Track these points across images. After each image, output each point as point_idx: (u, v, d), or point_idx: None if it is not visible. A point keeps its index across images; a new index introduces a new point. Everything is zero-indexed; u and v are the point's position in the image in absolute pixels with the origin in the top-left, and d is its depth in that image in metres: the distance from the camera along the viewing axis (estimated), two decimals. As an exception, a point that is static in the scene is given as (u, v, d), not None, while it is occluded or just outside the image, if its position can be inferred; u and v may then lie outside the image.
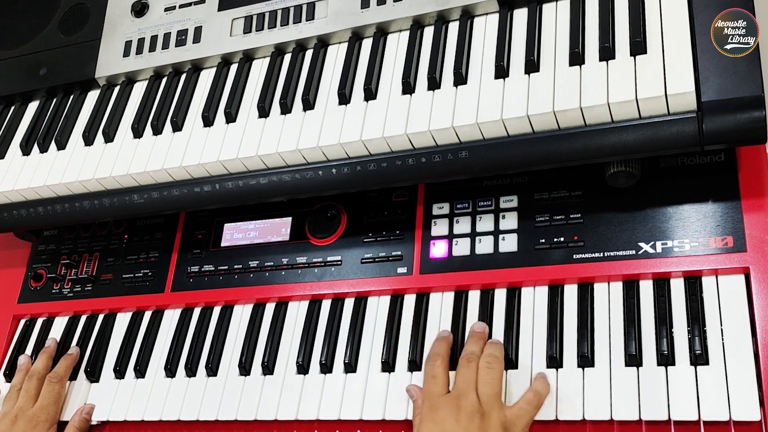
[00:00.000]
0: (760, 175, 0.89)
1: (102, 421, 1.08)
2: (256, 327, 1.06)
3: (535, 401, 0.85)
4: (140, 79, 1.12)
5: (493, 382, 0.86)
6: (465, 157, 0.85)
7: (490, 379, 0.86)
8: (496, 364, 0.87)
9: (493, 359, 0.88)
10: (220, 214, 1.16)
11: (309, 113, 0.95)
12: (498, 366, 0.87)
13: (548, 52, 0.86)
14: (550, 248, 0.94)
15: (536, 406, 0.85)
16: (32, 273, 1.24)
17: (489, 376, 0.87)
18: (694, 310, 0.85)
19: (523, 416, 0.84)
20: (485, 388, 0.86)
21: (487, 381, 0.86)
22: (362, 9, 0.97)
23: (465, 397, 0.85)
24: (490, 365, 0.87)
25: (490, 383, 0.86)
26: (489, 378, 0.86)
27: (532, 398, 0.85)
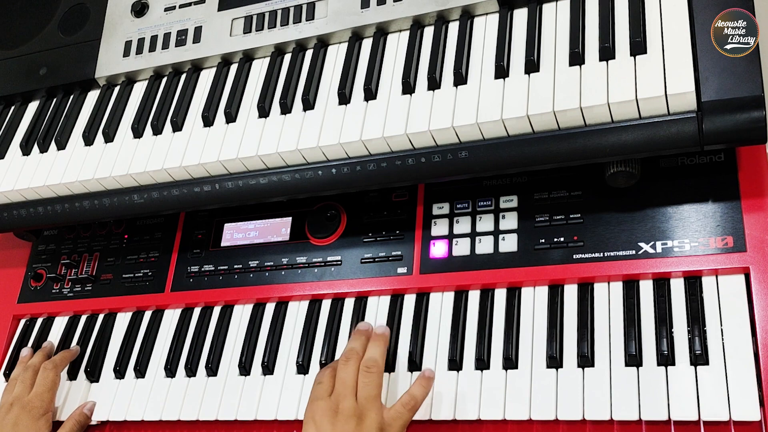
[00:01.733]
0: (760, 175, 0.89)
1: (102, 421, 1.08)
2: (256, 327, 1.06)
3: (410, 404, 0.88)
4: (140, 79, 1.12)
5: (371, 384, 0.88)
6: (465, 157, 0.85)
7: (368, 381, 0.89)
8: (374, 368, 0.90)
9: (372, 363, 0.90)
10: (220, 214, 1.16)
11: (309, 113, 0.95)
12: (377, 369, 0.90)
13: (548, 52, 0.86)
14: (550, 248, 0.94)
15: (412, 409, 0.88)
16: (32, 273, 1.24)
17: (368, 379, 0.89)
18: (694, 310, 0.85)
19: (399, 418, 0.87)
20: (363, 391, 0.88)
21: (365, 383, 0.88)
22: (362, 9, 0.97)
23: (343, 400, 0.87)
24: (369, 369, 0.90)
25: (368, 385, 0.88)
26: (368, 381, 0.89)
27: (408, 401, 0.88)
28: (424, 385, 0.90)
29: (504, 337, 0.92)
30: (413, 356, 0.94)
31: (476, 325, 0.94)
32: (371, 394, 0.88)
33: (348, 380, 0.89)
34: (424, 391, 0.90)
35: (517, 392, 0.88)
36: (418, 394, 0.89)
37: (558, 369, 0.88)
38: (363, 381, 0.89)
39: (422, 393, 0.89)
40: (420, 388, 0.90)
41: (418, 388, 0.90)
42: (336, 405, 0.87)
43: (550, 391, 0.87)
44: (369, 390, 0.88)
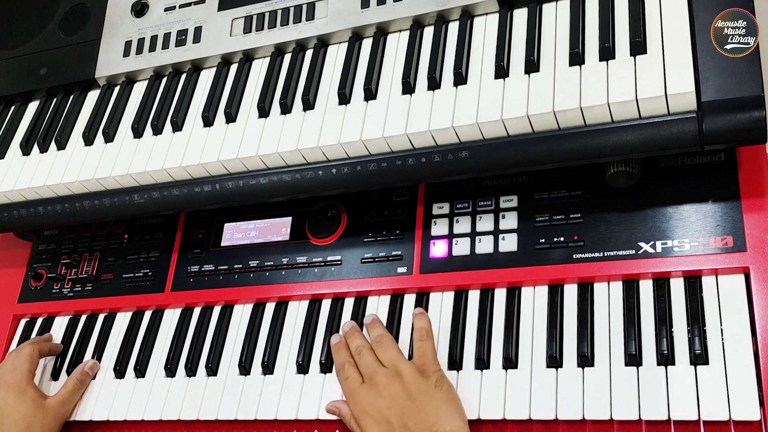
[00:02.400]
0: (760, 175, 0.89)
1: (102, 421, 1.08)
2: (256, 327, 1.06)
3: (423, 334, 0.93)
4: (140, 79, 1.12)
5: (388, 349, 0.92)
6: (465, 157, 0.85)
7: (384, 348, 0.93)
8: (385, 338, 0.94)
9: (380, 336, 0.94)
10: (220, 214, 1.16)
11: (309, 113, 0.95)
12: (387, 338, 0.94)
13: (548, 52, 0.86)
14: (550, 248, 0.94)
15: (428, 337, 0.93)
16: (32, 273, 1.24)
17: (382, 347, 0.93)
18: (694, 309, 0.85)
19: (425, 352, 0.91)
20: (384, 356, 0.92)
21: (382, 351, 0.92)
22: (362, 9, 0.97)
23: (375, 375, 0.90)
24: (380, 341, 0.94)
25: (386, 351, 0.92)
26: (383, 348, 0.93)
27: (421, 334, 0.93)
28: (420, 316, 0.95)
29: (504, 336, 0.92)
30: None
31: (476, 324, 0.94)
32: (392, 355, 0.92)
33: (370, 362, 0.92)
34: (425, 320, 0.94)
35: (517, 392, 0.88)
36: (422, 324, 0.94)
37: (558, 369, 0.88)
38: (379, 351, 0.93)
39: (425, 322, 0.94)
40: (419, 320, 0.94)
41: (418, 320, 0.95)
42: (371, 382, 0.90)
43: (550, 390, 0.87)
44: (389, 353, 0.92)
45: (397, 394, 0.87)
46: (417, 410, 0.85)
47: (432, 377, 0.88)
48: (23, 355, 1.08)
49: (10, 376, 1.06)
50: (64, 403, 1.06)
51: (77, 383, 1.07)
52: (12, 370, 1.06)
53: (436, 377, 0.88)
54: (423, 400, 0.86)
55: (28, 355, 1.08)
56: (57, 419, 1.05)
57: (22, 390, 1.05)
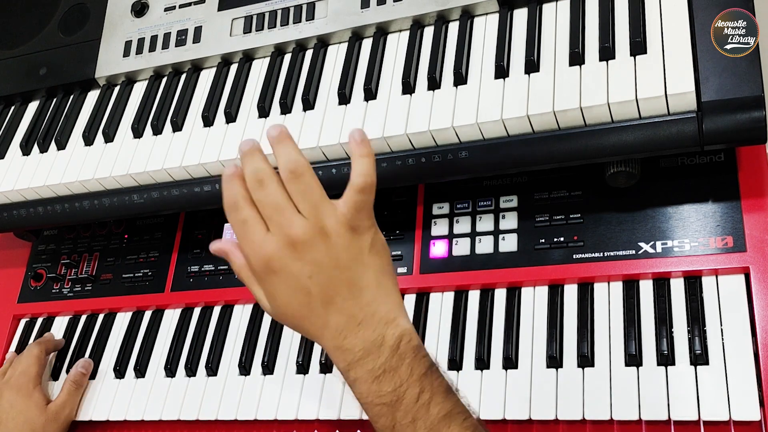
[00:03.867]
0: (760, 175, 0.89)
1: (102, 421, 1.08)
2: (256, 327, 1.06)
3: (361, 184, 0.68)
4: (140, 79, 1.12)
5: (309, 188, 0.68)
6: (465, 157, 0.85)
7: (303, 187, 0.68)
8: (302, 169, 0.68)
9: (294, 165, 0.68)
10: (220, 214, 1.15)
11: (309, 113, 0.95)
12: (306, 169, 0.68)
13: (548, 52, 0.86)
14: (550, 248, 0.94)
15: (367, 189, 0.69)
16: (32, 273, 1.24)
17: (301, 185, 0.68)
18: (694, 310, 0.85)
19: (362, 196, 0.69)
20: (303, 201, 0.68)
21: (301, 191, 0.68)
22: (362, 9, 0.97)
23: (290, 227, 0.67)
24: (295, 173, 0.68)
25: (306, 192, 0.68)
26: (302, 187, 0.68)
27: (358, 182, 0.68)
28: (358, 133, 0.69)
29: (504, 336, 0.92)
30: (413, 356, 0.94)
31: (476, 324, 0.94)
32: (314, 201, 0.68)
33: (279, 201, 0.68)
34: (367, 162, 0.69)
35: (517, 392, 0.88)
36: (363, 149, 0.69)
37: (558, 369, 0.88)
38: (295, 189, 0.68)
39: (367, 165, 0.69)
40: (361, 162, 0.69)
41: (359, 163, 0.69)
42: (286, 237, 0.67)
43: (550, 390, 0.87)
44: (309, 196, 0.68)
45: (321, 258, 0.67)
46: (348, 282, 0.67)
47: (366, 235, 0.69)
48: (32, 357, 1.08)
49: (18, 378, 1.06)
50: (65, 406, 1.06)
51: (73, 385, 1.07)
52: (20, 372, 1.06)
53: (371, 236, 0.70)
54: (356, 269, 0.68)
55: (36, 358, 1.08)
56: (59, 423, 1.05)
57: (29, 394, 1.05)
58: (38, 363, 1.08)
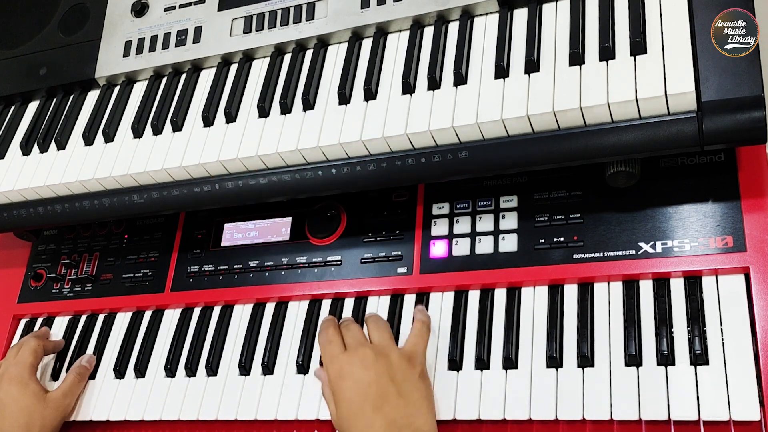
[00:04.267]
0: (760, 175, 0.89)
1: (102, 421, 1.08)
2: (256, 327, 1.06)
3: (422, 329, 0.93)
4: (140, 79, 1.12)
5: (382, 332, 0.92)
6: (465, 157, 0.85)
7: (379, 329, 0.92)
8: (381, 321, 0.94)
9: (377, 318, 0.95)
10: (220, 214, 1.16)
11: (309, 113, 0.95)
12: (383, 322, 0.94)
13: (548, 52, 0.86)
14: (550, 248, 0.94)
15: (425, 334, 0.92)
16: (32, 273, 1.24)
17: (378, 327, 0.93)
18: (694, 310, 0.85)
19: (419, 343, 0.91)
20: (376, 336, 0.92)
21: (376, 329, 0.92)
22: (362, 9, 0.97)
23: (362, 347, 0.89)
24: (376, 322, 0.94)
25: (380, 331, 0.92)
26: (378, 328, 0.92)
27: (420, 327, 0.93)
28: (422, 312, 0.95)
29: (504, 337, 0.92)
30: (413, 356, 0.94)
31: (476, 325, 0.94)
32: (385, 337, 0.91)
33: (357, 334, 0.92)
34: (425, 316, 0.94)
35: (517, 392, 0.88)
36: (424, 318, 0.94)
37: (558, 369, 0.88)
38: (374, 329, 0.93)
39: (425, 317, 0.94)
40: (420, 314, 0.95)
41: (419, 314, 0.95)
42: (356, 353, 0.89)
43: (550, 391, 0.87)
44: (381, 334, 0.92)
45: (381, 373, 0.86)
46: (397, 395, 0.85)
47: (417, 368, 0.88)
48: (28, 348, 1.08)
49: (13, 368, 1.06)
50: (66, 396, 1.06)
51: (77, 377, 1.08)
52: (16, 363, 1.07)
53: (421, 369, 0.89)
54: (405, 387, 0.86)
55: (32, 349, 1.08)
56: (58, 412, 1.05)
57: (24, 383, 1.05)
58: (34, 354, 1.08)
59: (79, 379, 1.08)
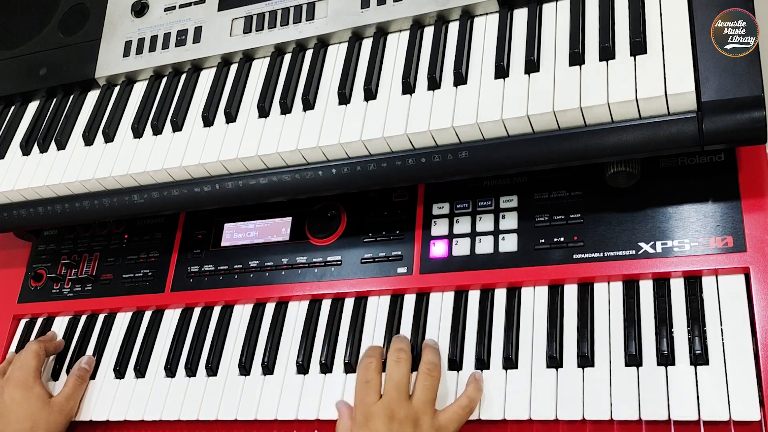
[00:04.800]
0: (760, 175, 0.89)
1: (102, 421, 1.08)
2: (256, 327, 1.06)
3: (468, 406, 0.87)
4: (140, 79, 1.12)
5: (430, 389, 0.87)
6: (465, 157, 0.85)
7: (428, 385, 0.87)
8: (435, 372, 0.88)
9: (433, 366, 0.89)
10: (220, 214, 1.16)
11: (309, 113, 0.95)
12: (437, 374, 0.89)
13: (548, 52, 0.86)
14: (550, 248, 0.94)
15: (469, 411, 0.87)
16: (32, 273, 1.24)
17: (428, 382, 0.87)
18: (694, 310, 0.85)
19: (456, 420, 0.86)
20: (421, 394, 0.87)
21: (425, 387, 0.87)
22: (362, 9, 0.97)
23: (398, 405, 0.85)
24: (430, 372, 0.88)
25: (428, 389, 0.87)
26: (428, 384, 0.87)
27: (466, 404, 0.87)
28: (479, 388, 0.88)
29: (504, 337, 0.92)
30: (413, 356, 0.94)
31: (476, 325, 0.94)
32: (429, 398, 0.87)
33: (401, 383, 0.87)
34: (479, 393, 0.88)
35: (517, 392, 0.88)
36: (474, 395, 0.88)
37: (558, 369, 0.88)
38: (423, 384, 0.87)
39: (478, 395, 0.88)
40: (475, 390, 0.88)
41: (474, 390, 0.88)
42: (391, 410, 0.85)
43: (550, 391, 0.87)
44: (428, 394, 0.87)
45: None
46: None
47: None
48: (30, 352, 1.08)
49: (17, 373, 1.06)
50: (69, 399, 1.06)
51: (78, 379, 1.08)
52: (19, 367, 1.07)
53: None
54: None
55: (35, 353, 1.08)
56: (63, 416, 1.05)
57: (28, 387, 1.05)
58: (37, 357, 1.08)
59: (80, 381, 1.08)
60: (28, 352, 1.08)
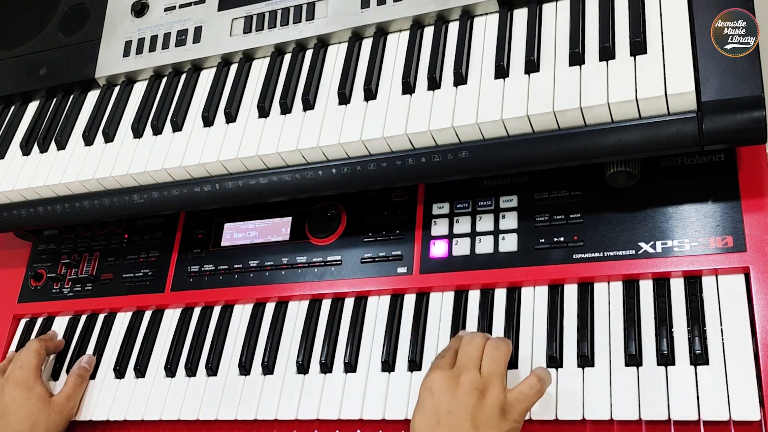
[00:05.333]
0: (760, 175, 0.89)
1: (102, 421, 1.08)
2: (256, 327, 1.06)
3: (537, 386, 0.82)
4: (140, 79, 1.12)
5: (498, 359, 0.83)
6: (465, 157, 0.85)
7: (496, 356, 0.83)
8: (503, 345, 0.85)
9: (500, 341, 0.85)
10: (220, 213, 1.16)
11: (309, 113, 0.95)
12: (505, 347, 0.85)
13: (548, 52, 0.86)
14: (550, 248, 0.94)
15: (538, 392, 0.82)
16: (32, 273, 1.24)
17: (495, 353, 0.83)
18: (694, 310, 0.85)
19: (524, 400, 0.81)
20: (490, 365, 0.82)
21: (493, 358, 0.83)
22: (362, 9, 0.97)
23: (466, 373, 0.81)
24: (497, 346, 0.84)
25: (495, 361, 0.83)
26: (495, 356, 0.83)
27: (536, 383, 0.82)
28: (548, 372, 0.85)
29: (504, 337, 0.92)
30: (413, 356, 0.94)
31: (476, 325, 0.94)
32: (497, 370, 0.82)
33: (473, 354, 0.84)
34: (548, 376, 0.84)
35: (517, 392, 0.88)
36: (545, 377, 0.83)
37: (558, 369, 0.88)
38: (490, 355, 0.83)
39: (548, 377, 0.84)
40: (545, 372, 0.84)
41: (543, 372, 0.84)
42: (457, 376, 0.81)
43: (550, 391, 0.86)
44: (496, 365, 0.83)
45: (465, 408, 0.79)
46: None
47: (507, 424, 0.80)
48: (31, 351, 1.08)
49: (18, 372, 1.06)
50: (70, 399, 1.06)
51: (78, 378, 1.08)
52: (20, 366, 1.07)
53: (512, 425, 0.80)
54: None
55: (35, 351, 1.08)
56: (63, 415, 1.05)
57: (29, 387, 1.05)
58: (38, 356, 1.08)
59: (80, 381, 1.08)
60: (29, 351, 1.08)
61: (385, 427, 0.93)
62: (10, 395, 1.04)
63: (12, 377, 1.06)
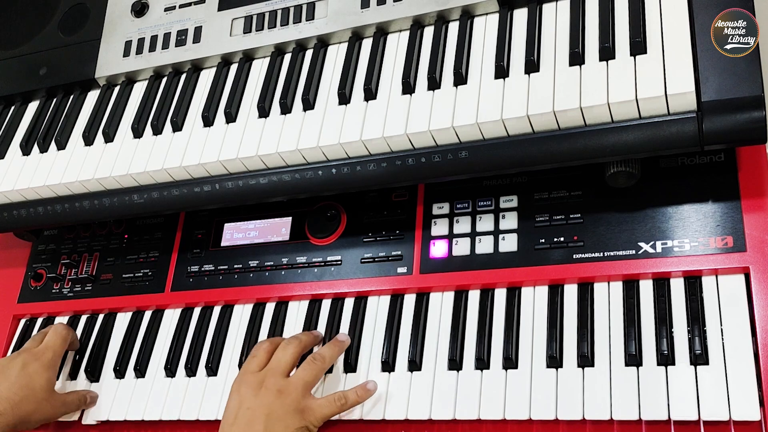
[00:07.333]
0: (760, 175, 0.89)
1: (102, 421, 1.08)
2: (256, 327, 1.06)
3: (340, 402, 0.91)
4: (140, 79, 1.12)
5: (310, 372, 0.91)
6: (465, 157, 0.85)
7: (309, 369, 0.92)
8: (320, 361, 0.93)
9: (320, 357, 0.93)
10: (220, 213, 1.16)
11: (309, 113, 0.95)
12: (322, 363, 0.93)
13: (548, 52, 0.86)
14: (550, 248, 0.94)
15: (340, 407, 0.91)
16: (32, 273, 1.24)
17: (309, 366, 0.92)
18: (694, 310, 0.85)
19: (321, 410, 0.90)
20: (299, 373, 0.91)
21: (305, 368, 0.92)
22: (362, 9, 0.97)
23: (274, 376, 0.90)
24: (315, 360, 0.93)
25: (306, 371, 0.91)
26: (308, 368, 0.92)
27: (339, 397, 0.91)
28: (359, 394, 0.92)
29: (504, 337, 0.92)
30: (413, 356, 0.94)
31: (476, 324, 0.94)
32: (305, 379, 0.91)
33: (283, 361, 0.92)
34: (356, 399, 0.92)
35: (517, 392, 0.88)
36: (350, 396, 0.92)
37: (558, 369, 0.88)
38: (304, 366, 0.92)
39: (355, 399, 0.92)
40: (355, 394, 0.92)
41: (353, 393, 0.92)
42: (263, 380, 0.90)
43: (550, 391, 0.87)
44: (305, 375, 0.91)
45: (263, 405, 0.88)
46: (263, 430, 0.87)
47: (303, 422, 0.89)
48: (60, 337, 1.07)
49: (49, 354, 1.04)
50: (67, 408, 1.06)
51: (82, 399, 1.07)
52: (50, 348, 1.05)
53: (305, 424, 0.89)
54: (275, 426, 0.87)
55: (64, 339, 1.08)
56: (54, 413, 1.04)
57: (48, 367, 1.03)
58: (65, 344, 1.07)
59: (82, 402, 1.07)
60: (58, 337, 1.07)
61: (384, 426, 0.93)
62: (25, 361, 1.02)
63: (36, 351, 1.04)
